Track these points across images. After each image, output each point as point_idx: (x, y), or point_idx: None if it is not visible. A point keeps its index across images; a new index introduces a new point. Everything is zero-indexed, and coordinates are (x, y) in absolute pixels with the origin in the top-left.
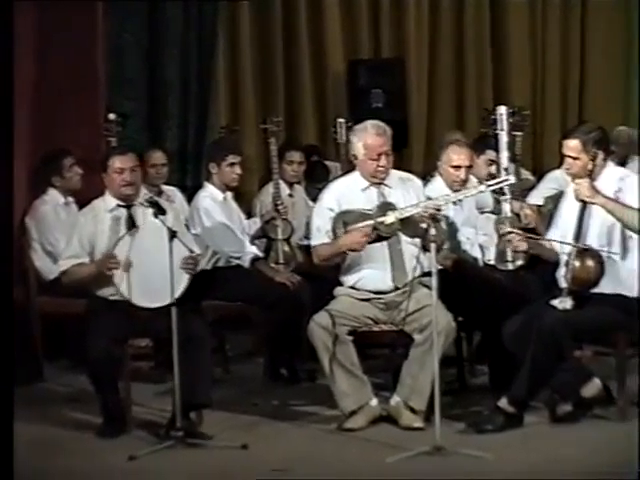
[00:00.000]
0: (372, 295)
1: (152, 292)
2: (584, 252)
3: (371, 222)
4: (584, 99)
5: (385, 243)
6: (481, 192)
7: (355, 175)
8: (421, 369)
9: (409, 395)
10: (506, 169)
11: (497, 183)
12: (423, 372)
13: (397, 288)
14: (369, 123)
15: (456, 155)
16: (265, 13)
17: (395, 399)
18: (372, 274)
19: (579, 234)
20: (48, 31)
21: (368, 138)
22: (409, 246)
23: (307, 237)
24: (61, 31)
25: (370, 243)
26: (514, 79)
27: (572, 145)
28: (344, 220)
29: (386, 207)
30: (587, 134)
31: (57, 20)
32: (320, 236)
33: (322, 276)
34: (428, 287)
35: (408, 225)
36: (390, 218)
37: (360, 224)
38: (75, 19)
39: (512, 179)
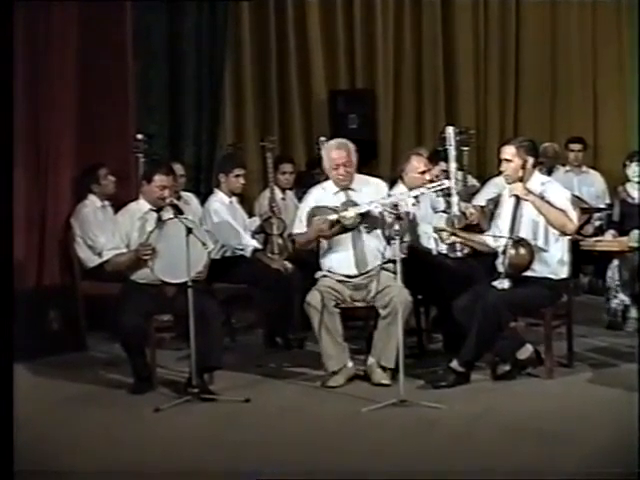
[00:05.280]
0: (343, 278)
1: (175, 272)
2: (518, 242)
3: (334, 215)
4: (518, 120)
5: (350, 237)
6: (422, 194)
7: (329, 182)
8: (388, 336)
9: (380, 356)
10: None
11: (435, 186)
12: (390, 338)
13: (361, 274)
14: (333, 140)
15: (419, 163)
16: (262, 53)
17: (370, 360)
18: (340, 262)
19: (513, 228)
20: (90, 73)
21: (330, 152)
22: (371, 239)
23: None
24: (100, 72)
25: (338, 234)
26: (462, 104)
27: (508, 150)
28: (315, 214)
29: (348, 204)
30: (520, 142)
31: (97, 60)
32: (298, 226)
33: (308, 263)
34: (390, 271)
35: (368, 220)
36: (350, 212)
37: (325, 216)
38: (112, 66)
39: (447, 183)
